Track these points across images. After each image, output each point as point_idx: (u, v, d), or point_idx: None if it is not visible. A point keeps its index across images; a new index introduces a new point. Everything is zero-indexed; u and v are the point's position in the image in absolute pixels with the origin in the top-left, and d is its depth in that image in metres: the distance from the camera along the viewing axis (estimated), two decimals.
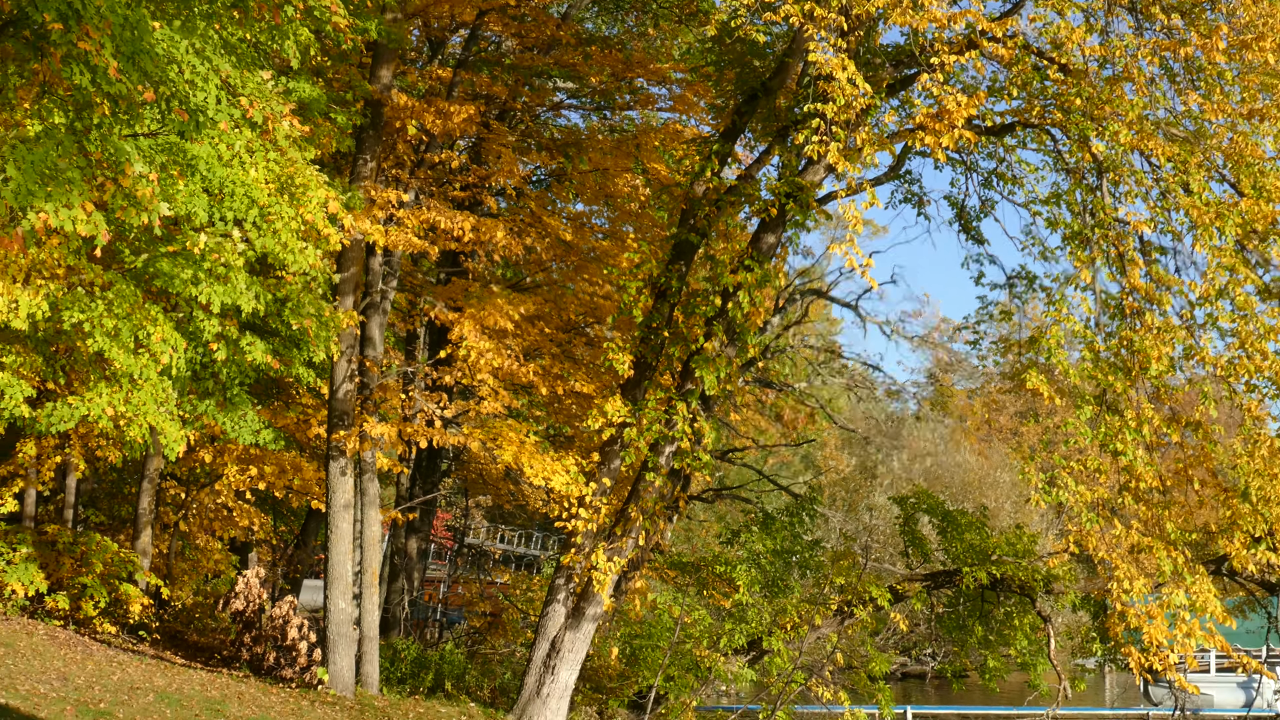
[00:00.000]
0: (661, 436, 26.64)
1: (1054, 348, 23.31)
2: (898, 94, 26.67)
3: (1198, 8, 23.77)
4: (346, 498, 29.68)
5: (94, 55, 16.20)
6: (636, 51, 35.93)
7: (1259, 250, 23.92)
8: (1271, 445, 23.67)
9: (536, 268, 37.91)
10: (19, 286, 20.97)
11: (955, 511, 36.89)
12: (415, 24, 32.83)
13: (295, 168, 22.11)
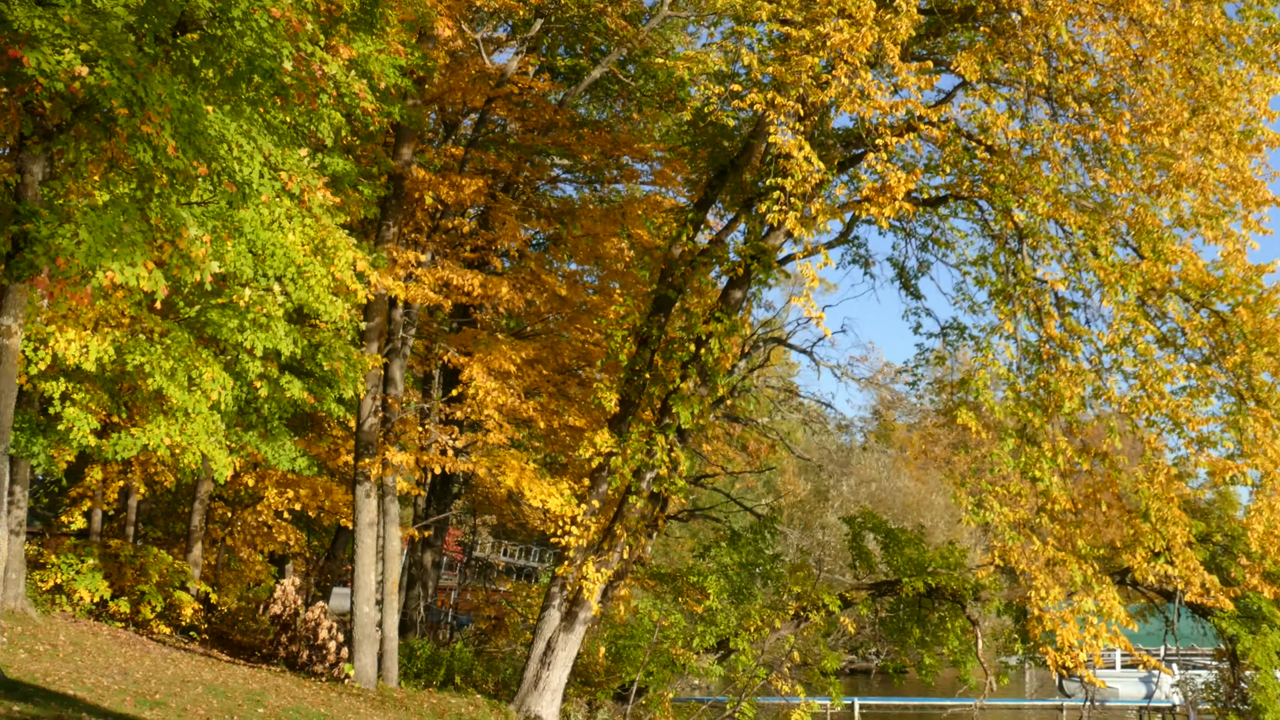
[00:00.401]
0: (643, 464, 26.65)
1: (981, 388, 23.36)
2: (847, 170, 26.72)
3: (1104, 97, 23.85)
4: (371, 517, 29.62)
5: (155, 136, 16.17)
6: (622, 133, 35.97)
7: (1157, 305, 23.97)
8: (1168, 473, 23.70)
9: (536, 319, 37.88)
10: (89, 333, 20.96)
11: (896, 530, 36.87)
12: (432, 108, 32.86)
13: (328, 232, 22.10)
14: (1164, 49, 22.83)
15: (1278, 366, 23.32)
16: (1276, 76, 23.62)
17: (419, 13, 25.36)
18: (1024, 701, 59.07)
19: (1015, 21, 23.20)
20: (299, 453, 29.02)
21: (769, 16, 22.49)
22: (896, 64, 21.61)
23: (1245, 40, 23.49)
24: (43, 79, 15.59)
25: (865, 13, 21.47)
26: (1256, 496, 23.53)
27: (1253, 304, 23.29)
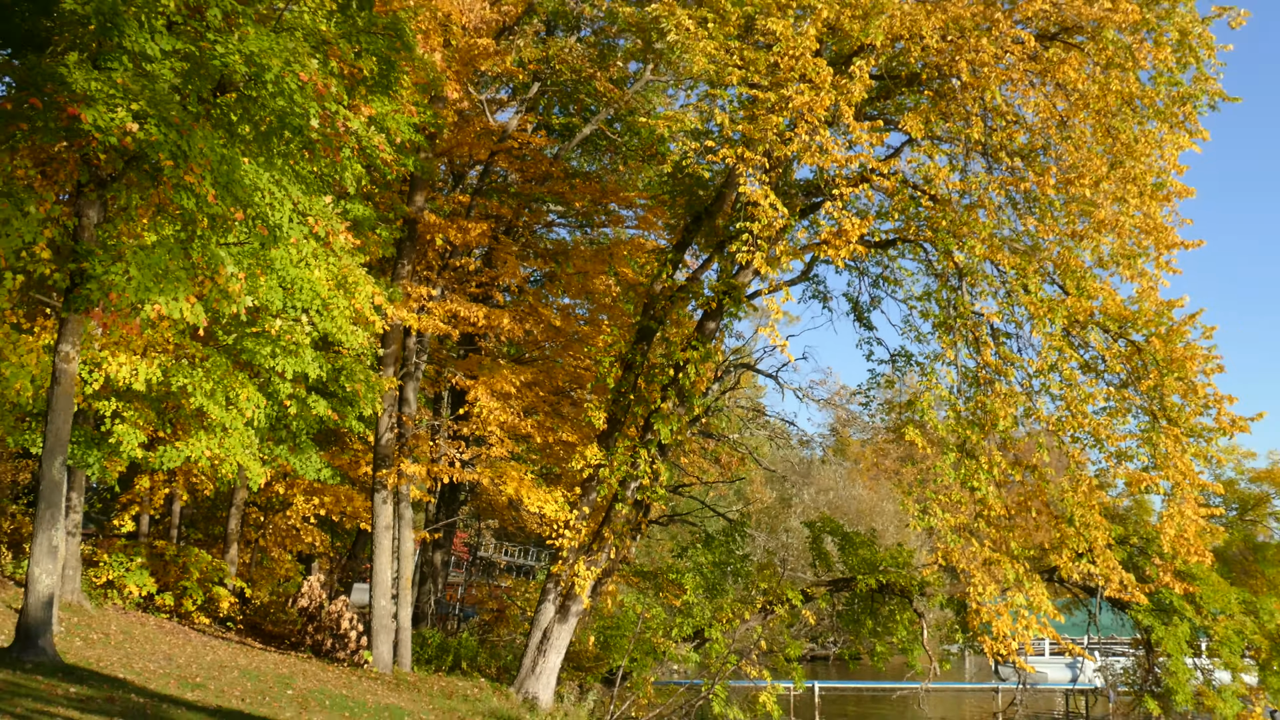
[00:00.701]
0: (628, 475, 26.65)
1: (926, 409, 23.38)
2: (808, 216, 26.76)
3: (1034, 153, 23.95)
4: (387, 521, 29.58)
5: (197, 185, 16.18)
6: (610, 183, 36.02)
7: (1081, 336, 24.04)
8: (1090, 483, 23.79)
9: (534, 346, 37.85)
10: (138, 358, 20.94)
11: (851, 533, 36.85)
12: (442, 160, 32.87)
13: (349, 269, 22.10)
14: (1086, 110, 22.97)
15: (1186, 390, 23.39)
16: (1185, 135, 23.77)
17: (430, 77, 25.40)
18: (964, 685, 59.13)
19: (955, 86, 23.29)
20: (324, 464, 28.99)
21: (739, 81, 22.56)
22: (851, 123, 21.68)
23: (1157, 103, 23.65)
24: (98, 134, 15.59)
25: (823, 78, 21.55)
26: (1168, 504, 23.60)
27: (1164, 335, 23.39)
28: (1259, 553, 55.58)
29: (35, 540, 17.96)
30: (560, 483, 32.52)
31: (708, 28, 23.26)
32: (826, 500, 76.56)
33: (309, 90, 17.11)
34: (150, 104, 15.83)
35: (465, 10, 28.25)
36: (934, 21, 22.64)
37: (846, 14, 22.87)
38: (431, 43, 26.29)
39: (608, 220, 38.16)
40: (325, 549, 42.83)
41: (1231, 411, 23.46)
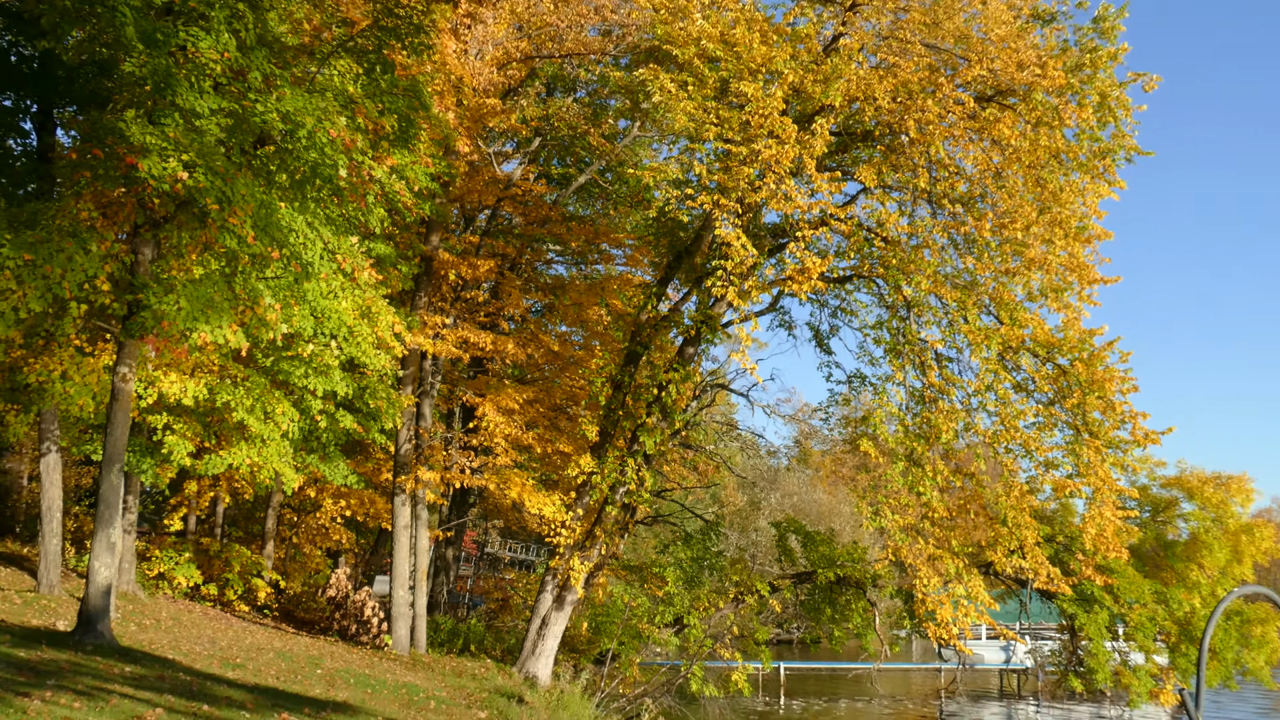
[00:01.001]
0: (617, 481, 26.58)
1: (878, 424, 23.37)
2: (775, 255, 26.77)
3: (973, 200, 23.98)
4: (405, 521, 29.50)
5: (239, 227, 16.15)
6: (602, 225, 36.08)
7: (1013, 360, 24.04)
8: (1021, 489, 23.79)
9: (535, 369, 37.80)
10: (187, 378, 20.89)
11: (813, 532, 36.78)
12: (455, 205, 32.86)
13: (373, 301, 22.08)
14: (1018, 163, 23.03)
15: (1106, 407, 23.40)
16: (1105, 185, 23.87)
17: (444, 132, 25.41)
18: (911, 665, 59.10)
19: (904, 141, 23.34)
20: (350, 471, 28.94)
21: (715, 136, 22.58)
22: (813, 174, 21.71)
23: (1080, 157, 23.71)
24: (153, 181, 15.56)
25: (789, 134, 21.58)
26: (1089, 507, 23.60)
27: (1086, 359, 23.39)
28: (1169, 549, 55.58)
29: (95, 537, 17.90)
30: (558, 488, 32.45)
31: (688, 90, 23.30)
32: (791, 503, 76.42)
33: (338, 144, 17.10)
34: (199, 155, 15.81)
35: (475, 74, 28.27)
36: (886, 85, 22.70)
37: (809, 78, 22.92)
38: (446, 102, 26.30)
39: (600, 258, 38.21)
40: (351, 545, 42.70)
41: (1145, 426, 23.48)
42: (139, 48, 15.82)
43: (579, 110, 34.81)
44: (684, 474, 43.23)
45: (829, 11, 25.58)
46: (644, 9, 26.90)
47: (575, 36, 31.13)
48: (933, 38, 24.09)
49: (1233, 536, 56.81)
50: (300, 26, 22.64)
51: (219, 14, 16.77)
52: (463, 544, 48.35)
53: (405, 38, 19.85)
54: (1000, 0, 24.05)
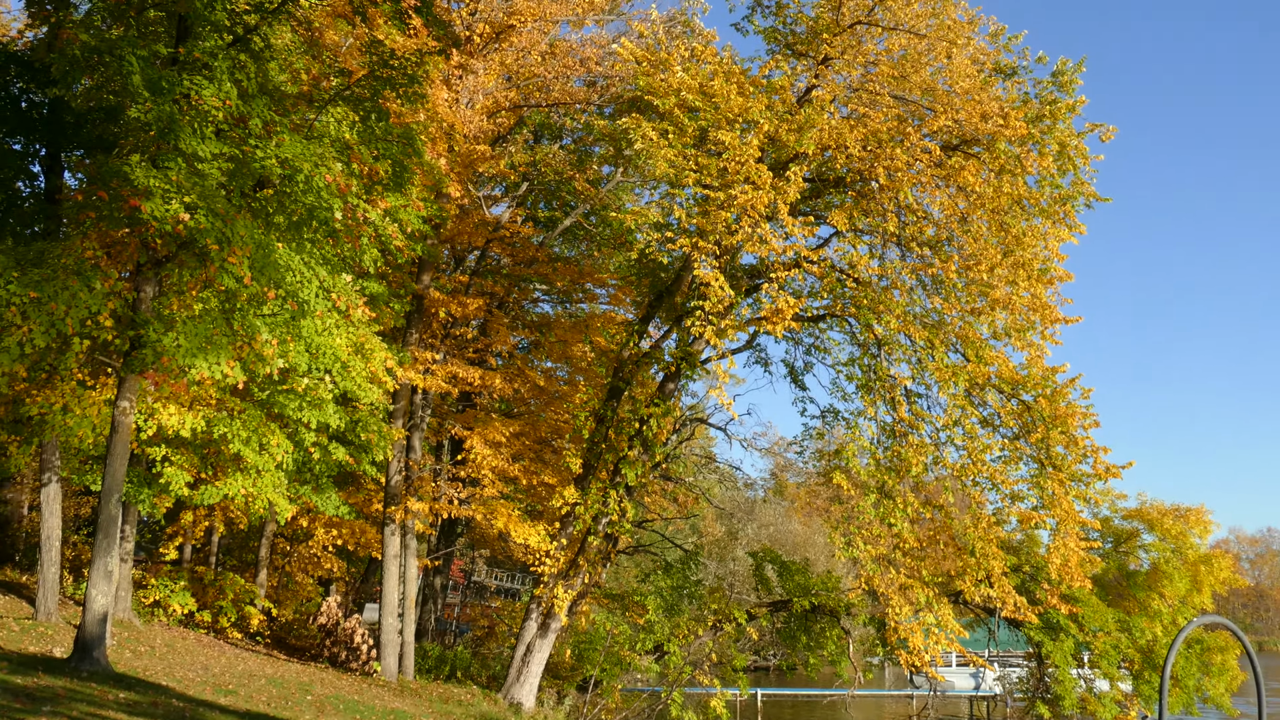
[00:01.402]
0: (600, 512, 26.65)
1: (850, 457, 23.52)
2: (751, 295, 26.97)
3: (940, 243, 24.27)
4: (395, 550, 29.48)
5: (237, 266, 16.29)
6: (586, 266, 36.24)
7: (980, 396, 24.25)
8: (989, 521, 23.94)
9: (521, 403, 37.86)
10: (185, 411, 20.94)
11: (788, 562, 36.84)
12: (446, 246, 33.00)
13: (366, 337, 22.20)
14: (983, 209, 23.34)
15: (1068, 442, 23.62)
16: (1065, 229, 24.19)
17: (436, 177, 25.61)
18: (884, 691, 59.01)
19: (874, 188, 23.63)
20: (341, 502, 28.93)
21: (694, 182, 22.82)
22: (787, 218, 21.96)
23: (1042, 203, 24.05)
24: (155, 222, 15.72)
25: (764, 181, 21.85)
26: (1054, 538, 23.77)
27: (1050, 396, 23.62)
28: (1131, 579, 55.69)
29: (93, 566, 17.91)
30: (543, 518, 32.45)
31: (668, 138, 23.57)
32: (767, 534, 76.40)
33: (334, 188, 17.28)
34: (200, 197, 15.98)
35: (466, 122, 28.51)
36: (856, 134, 23.00)
37: (784, 128, 23.21)
38: (438, 148, 26.53)
39: (584, 297, 38.38)
40: (342, 574, 42.55)
41: (1106, 460, 23.69)
42: (145, 95, 16.01)
43: (565, 156, 35.06)
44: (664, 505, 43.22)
45: (803, 65, 25.93)
46: (627, 61, 27.22)
47: (562, 87, 31.44)
48: (901, 90, 24.46)
49: (1192, 567, 57.00)
50: (299, 76, 22.87)
51: (222, 64, 16.98)
52: (450, 572, 48.22)
53: (399, 87, 20.09)
54: (964, 55, 24.45)
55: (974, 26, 24.97)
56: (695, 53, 26.35)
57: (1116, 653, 34.37)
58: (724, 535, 75.57)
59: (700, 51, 26.34)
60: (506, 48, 30.48)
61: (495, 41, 30.24)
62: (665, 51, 25.83)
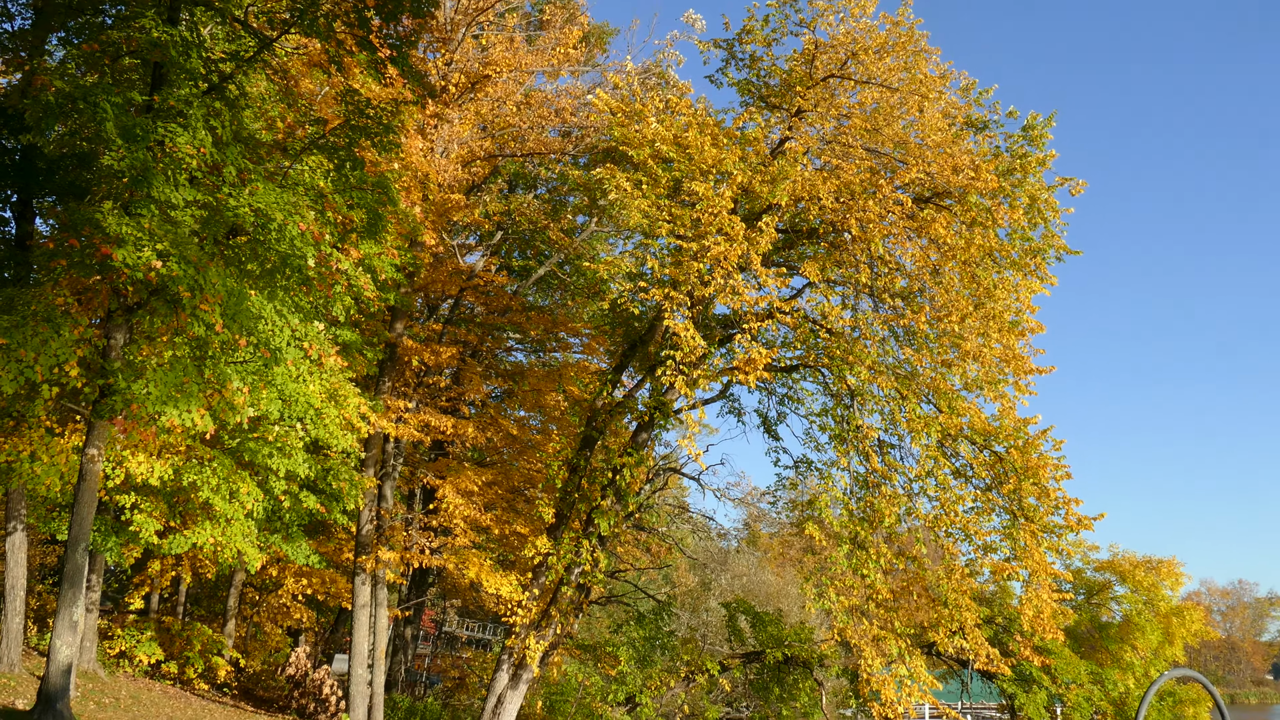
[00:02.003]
0: (572, 562, 26.50)
1: (823, 508, 23.46)
2: (724, 345, 27.01)
3: (911, 295, 24.40)
4: (365, 600, 29.23)
5: (209, 314, 16.23)
6: (560, 315, 36.33)
7: (952, 447, 24.29)
8: (962, 572, 23.89)
9: (494, 452, 37.75)
10: (154, 458, 20.79)
11: (761, 613, 36.73)
12: (419, 294, 33.03)
13: (339, 385, 22.15)
14: (954, 260, 23.50)
15: (1040, 493, 23.64)
16: (1036, 281, 24.37)
17: (411, 226, 25.65)
18: None
19: (847, 239, 23.77)
20: (312, 551, 28.71)
21: (667, 233, 22.92)
22: (760, 269, 22.05)
23: (1013, 255, 24.23)
24: (127, 269, 15.66)
25: (737, 232, 21.96)
26: (1026, 589, 23.73)
27: (1021, 447, 23.67)
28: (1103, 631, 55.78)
29: (58, 616, 17.69)
30: (515, 568, 32.30)
31: (642, 189, 23.69)
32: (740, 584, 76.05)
33: (307, 236, 17.28)
34: (173, 244, 15.93)
35: (441, 171, 28.61)
36: (829, 186, 23.17)
37: (757, 179, 23.36)
38: (412, 197, 26.59)
39: (558, 346, 38.43)
40: (311, 624, 42.18)
41: (1078, 512, 23.70)
42: (118, 142, 15.99)
43: (539, 206, 35.22)
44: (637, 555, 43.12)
45: (776, 117, 26.15)
46: (602, 112, 27.39)
47: (537, 137, 31.61)
48: (873, 142, 24.69)
49: (1164, 619, 57.16)
50: (275, 124, 22.92)
51: (196, 111, 16.99)
52: (421, 623, 47.83)
53: (375, 136, 20.14)
54: (936, 109, 24.71)
55: (945, 81, 25.27)
56: (670, 104, 26.56)
57: (1089, 705, 34.31)
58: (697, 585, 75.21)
59: (675, 103, 26.56)
60: (482, 97, 30.65)
61: (471, 91, 30.41)
62: (640, 103, 26.03)
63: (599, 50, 40.19)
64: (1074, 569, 57.66)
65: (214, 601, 41.16)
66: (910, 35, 24.43)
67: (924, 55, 24.78)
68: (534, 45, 32.51)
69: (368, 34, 19.18)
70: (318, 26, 18.59)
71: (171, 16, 18.29)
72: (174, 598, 37.31)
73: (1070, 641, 41.39)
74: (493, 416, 34.93)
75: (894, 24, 24.48)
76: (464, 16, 30.19)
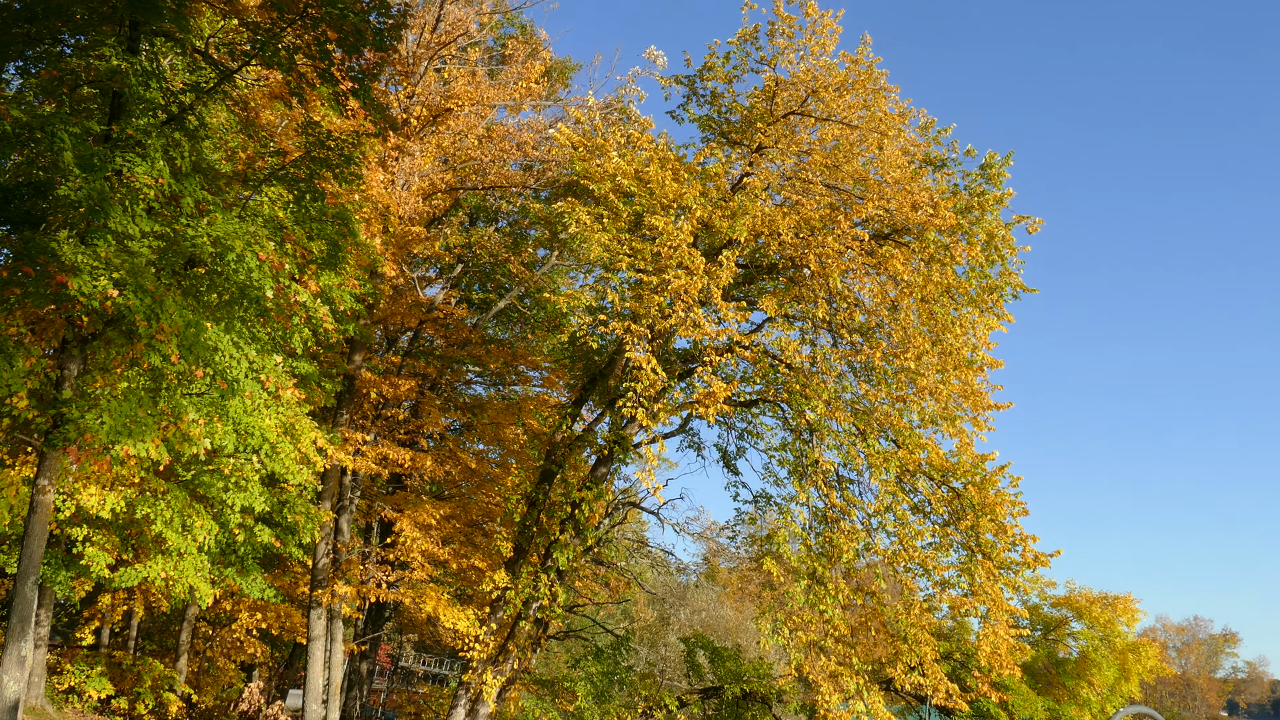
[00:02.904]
0: (530, 596, 26.37)
1: (781, 542, 23.47)
2: (684, 379, 27.05)
3: (869, 330, 24.54)
4: (320, 634, 28.99)
5: (165, 345, 16.13)
6: (520, 348, 36.30)
7: (911, 482, 24.38)
8: (920, 607, 23.94)
9: (452, 485, 37.60)
10: (107, 491, 20.58)
11: (720, 648, 36.67)
12: (379, 326, 32.94)
13: (296, 418, 22.02)
14: (912, 296, 23.69)
15: (998, 529, 23.75)
16: (994, 317, 24.59)
17: (371, 258, 25.59)
18: None
19: (806, 274, 23.93)
20: (267, 585, 28.42)
21: (628, 266, 22.97)
22: (720, 303, 22.14)
23: (970, 291, 24.46)
24: (82, 298, 15.54)
25: (697, 266, 22.05)
26: (984, 625, 23.80)
27: (979, 483, 23.79)
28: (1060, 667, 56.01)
29: (5, 651, 17.41)
30: (472, 602, 32.11)
31: (603, 222, 23.77)
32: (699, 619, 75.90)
33: (266, 268, 17.21)
34: (129, 273, 15.83)
35: (401, 203, 28.61)
36: (789, 221, 23.33)
37: (717, 214, 23.49)
38: (373, 229, 26.55)
39: (518, 379, 38.39)
40: (265, 659, 41.72)
41: (1035, 549, 23.82)
42: (76, 172, 15.90)
43: (500, 239, 35.24)
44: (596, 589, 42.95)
45: (737, 153, 26.32)
46: (563, 146, 27.50)
47: (498, 170, 31.68)
48: (833, 179, 24.90)
49: (1120, 655, 57.46)
50: (235, 155, 22.85)
51: (155, 142, 16.92)
52: (377, 657, 47.43)
53: (335, 168, 20.13)
54: (895, 146, 24.97)
55: (905, 119, 25.54)
56: (631, 139, 26.69)
57: None
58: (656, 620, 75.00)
59: (636, 138, 26.70)
60: (443, 130, 30.71)
61: (432, 124, 30.47)
62: (601, 137, 26.15)
63: (561, 85, 40.39)
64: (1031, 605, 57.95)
65: (166, 636, 40.66)
66: (870, 74, 24.68)
67: (883, 93, 25.04)
68: (496, 79, 32.64)
69: (329, 66, 19.17)
70: (279, 58, 18.58)
71: (131, 47, 18.25)
72: (125, 632, 36.84)
73: (1027, 677, 41.56)
74: (451, 449, 34.83)
75: (854, 62, 24.73)
76: (426, 50, 30.28)
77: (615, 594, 44.56)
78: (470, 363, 36.02)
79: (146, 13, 17.48)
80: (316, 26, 18.44)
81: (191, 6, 18.93)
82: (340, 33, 18.68)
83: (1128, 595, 59.29)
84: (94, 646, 34.30)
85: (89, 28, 18.28)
